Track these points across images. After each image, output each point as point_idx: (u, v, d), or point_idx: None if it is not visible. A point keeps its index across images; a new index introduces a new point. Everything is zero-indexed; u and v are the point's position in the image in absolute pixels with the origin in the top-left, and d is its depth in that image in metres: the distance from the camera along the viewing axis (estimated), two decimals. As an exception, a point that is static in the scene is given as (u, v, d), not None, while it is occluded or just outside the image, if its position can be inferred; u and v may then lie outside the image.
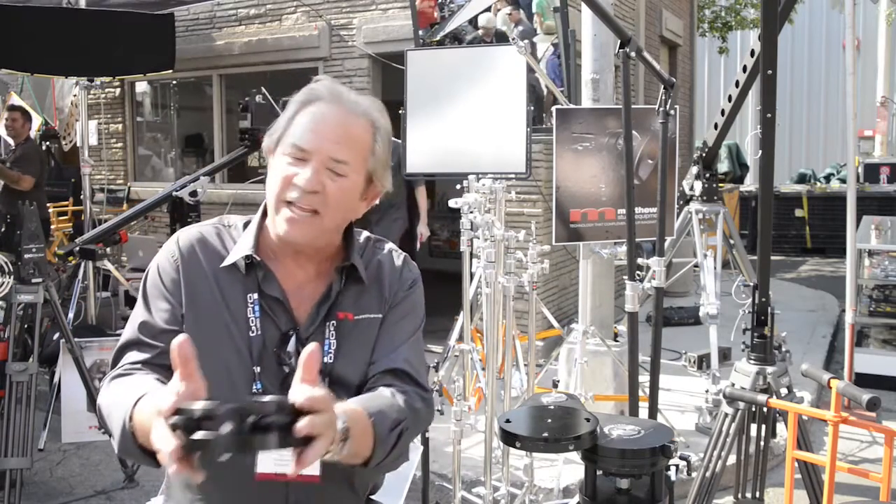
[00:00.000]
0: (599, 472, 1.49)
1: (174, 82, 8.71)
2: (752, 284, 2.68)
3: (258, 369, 1.46)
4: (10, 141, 7.27)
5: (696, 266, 5.54)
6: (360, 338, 1.54)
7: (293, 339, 1.49)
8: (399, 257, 1.63)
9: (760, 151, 2.62)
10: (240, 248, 1.50)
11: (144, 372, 1.43)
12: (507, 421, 1.51)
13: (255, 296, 1.49)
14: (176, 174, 8.62)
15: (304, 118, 1.47)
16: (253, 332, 1.47)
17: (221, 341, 1.46)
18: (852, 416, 2.46)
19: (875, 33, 15.60)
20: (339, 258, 1.56)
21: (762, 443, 2.71)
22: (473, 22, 6.17)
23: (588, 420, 1.49)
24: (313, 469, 1.22)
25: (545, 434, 1.47)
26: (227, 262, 1.50)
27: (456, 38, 6.17)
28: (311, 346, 1.16)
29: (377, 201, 1.59)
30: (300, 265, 1.53)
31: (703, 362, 5.60)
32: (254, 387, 1.46)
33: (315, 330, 1.51)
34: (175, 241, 1.52)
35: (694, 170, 5.33)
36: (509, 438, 1.47)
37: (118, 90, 8.98)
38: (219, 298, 1.48)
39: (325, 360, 1.50)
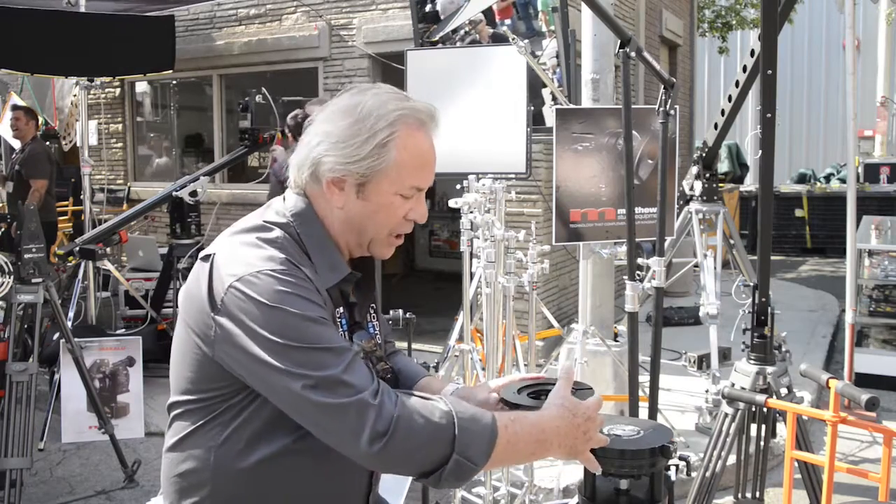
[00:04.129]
0: (598, 473, 1.49)
1: (174, 82, 8.72)
2: (752, 284, 2.68)
3: None
4: (14, 143, 7.26)
5: (696, 266, 5.54)
6: (379, 317, 1.62)
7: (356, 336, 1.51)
8: None
9: (760, 151, 2.63)
10: (331, 266, 1.43)
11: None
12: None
13: (342, 309, 1.47)
14: (176, 174, 8.62)
15: (409, 156, 1.41)
16: None
17: None
18: (851, 416, 2.47)
19: (875, 33, 15.61)
20: None
21: (762, 443, 2.71)
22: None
23: (587, 420, 1.49)
24: None
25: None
26: (331, 284, 1.43)
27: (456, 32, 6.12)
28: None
29: None
30: None
31: (703, 362, 5.60)
32: None
33: (361, 318, 1.54)
34: (289, 266, 1.35)
35: (694, 170, 5.33)
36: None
37: (118, 90, 8.99)
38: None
39: (378, 341, 1.56)
